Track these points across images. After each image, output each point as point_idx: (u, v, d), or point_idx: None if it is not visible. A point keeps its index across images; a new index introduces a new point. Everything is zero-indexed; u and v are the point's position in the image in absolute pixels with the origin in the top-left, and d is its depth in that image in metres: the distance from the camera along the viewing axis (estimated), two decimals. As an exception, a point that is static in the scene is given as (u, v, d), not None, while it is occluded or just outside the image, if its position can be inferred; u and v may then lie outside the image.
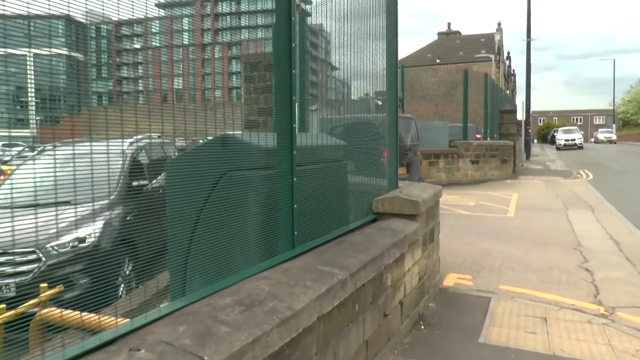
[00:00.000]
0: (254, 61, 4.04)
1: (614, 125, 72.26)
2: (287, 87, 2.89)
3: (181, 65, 3.14)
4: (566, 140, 40.41)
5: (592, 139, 58.83)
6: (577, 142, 40.06)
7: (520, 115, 25.16)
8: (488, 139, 17.44)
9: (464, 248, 6.77)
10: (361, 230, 3.49)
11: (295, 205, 2.93)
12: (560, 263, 6.04)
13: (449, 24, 53.25)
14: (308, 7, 3.97)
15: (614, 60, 73.82)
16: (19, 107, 2.43)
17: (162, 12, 2.88)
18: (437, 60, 43.07)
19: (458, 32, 51.43)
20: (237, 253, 2.59)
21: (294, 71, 2.92)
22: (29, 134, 2.81)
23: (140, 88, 3.12)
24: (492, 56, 37.40)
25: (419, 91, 18.87)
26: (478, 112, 17.45)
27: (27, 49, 2.10)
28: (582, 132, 46.58)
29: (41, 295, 3.02)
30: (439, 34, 51.35)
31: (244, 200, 2.83)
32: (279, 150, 2.90)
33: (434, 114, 18.14)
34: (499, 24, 48.75)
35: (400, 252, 3.41)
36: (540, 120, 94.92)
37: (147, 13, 2.39)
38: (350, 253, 2.86)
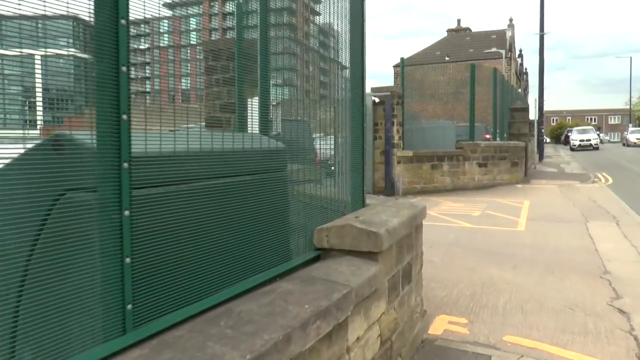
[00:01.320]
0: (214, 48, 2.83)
1: (630, 125, 70.44)
2: (110, 48, 1.62)
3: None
4: (581, 140, 38.77)
5: (604, 139, 56.84)
6: (593, 142, 38.40)
7: (533, 115, 23.65)
8: (498, 139, 16.04)
9: (463, 276, 5.43)
10: (275, 286, 2.20)
11: (128, 259, 1.66)
12: (584, 299, 4.69)
13: (458, 21, 51.43)
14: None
15: (631, 58, 71.29)
16: None
17: None
18: (447, 58, 41.64)
19: (468, 29, 49.70)
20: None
21: (122, 20, 1.64)
22: None
23: None
24: (503, 51, 35.70)
25: (428, 90, 17.62)
26: (488, 111, 16.09)
27: None
28: (597, 132, 44.85)
29: None
30: (449, 30, 49.65)
31: (67, 245, 1.60)
32: (98, 161, 1.63)
33: (443, 113, 16.86)
34: (511, 20, 46.94)
35: (335, 322, 2.11)
36: (553, 120, 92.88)
37: None
38: (217, 346, 1.57)
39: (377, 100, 12.83)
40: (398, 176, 12.76)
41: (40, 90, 1.82)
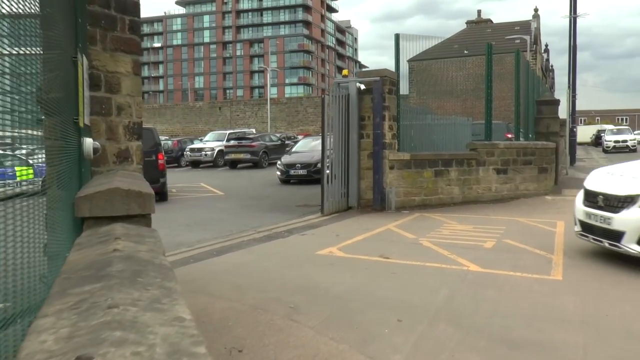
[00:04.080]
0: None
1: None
2: None
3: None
4: (616, 141, 35.05)
5: None
6: (630, 143, 34.67)
7: (562, 112, 20.46)
8: (522, 139, 12.98)
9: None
10: None
11: None
12: None
13: (479, 12, 47.87)
14: None
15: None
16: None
17: None
18: (465, 52, 38.31)
19: (489, 20, 46.20)
20: None
21: None
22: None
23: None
24: (527, 38, 32.13)
25: (445, 86, 14.91)
26: (512, 109, 13.12)
27: None
28: (635, 133, 40.92)
29: None
30: (468, 22, 46.18)
31: None
32: None
33: (461, 111, 14.10)
34: (536, 10, 43.19)
35: None
36: (581, 120, 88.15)
37: None
38: None
39: (362, 87, 9.97)
40: (390, 185, 9.88)
41: None
